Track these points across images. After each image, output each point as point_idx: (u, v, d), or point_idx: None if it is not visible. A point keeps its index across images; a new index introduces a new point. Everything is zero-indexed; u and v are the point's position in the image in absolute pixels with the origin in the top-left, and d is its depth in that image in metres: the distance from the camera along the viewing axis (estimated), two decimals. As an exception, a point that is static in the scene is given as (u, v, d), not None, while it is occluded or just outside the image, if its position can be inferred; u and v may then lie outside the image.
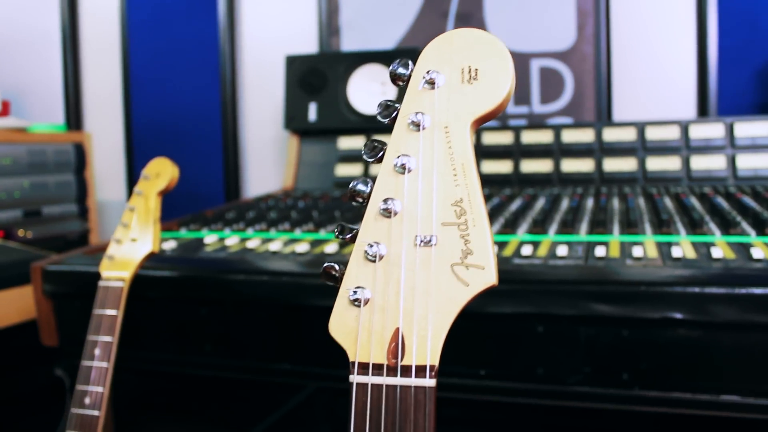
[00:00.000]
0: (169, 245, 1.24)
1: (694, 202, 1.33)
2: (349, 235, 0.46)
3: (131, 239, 1.00)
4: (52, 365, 1.77)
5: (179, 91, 2.31)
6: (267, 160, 2.26)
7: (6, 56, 2.46)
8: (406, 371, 0.43)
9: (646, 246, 1.03)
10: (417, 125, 0.46)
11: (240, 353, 1.07)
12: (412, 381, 0.42)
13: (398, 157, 0.46)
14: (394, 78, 0.47)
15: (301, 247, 1.13)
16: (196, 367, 1.11)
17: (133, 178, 2.37)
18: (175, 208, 1.93)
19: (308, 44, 2.17)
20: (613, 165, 1.66)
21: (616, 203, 1.37)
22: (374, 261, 0.45)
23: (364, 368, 0.44)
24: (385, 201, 0.45)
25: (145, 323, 1.13)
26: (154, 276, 1.09)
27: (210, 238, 1.26)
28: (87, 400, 0.94)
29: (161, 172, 1.03)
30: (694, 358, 0.87)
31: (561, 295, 0.89)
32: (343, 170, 1.82)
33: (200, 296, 1.07)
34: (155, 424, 1.95)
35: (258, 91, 2.26)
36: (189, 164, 2.18)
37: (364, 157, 0.47)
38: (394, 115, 0.47)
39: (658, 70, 1.90)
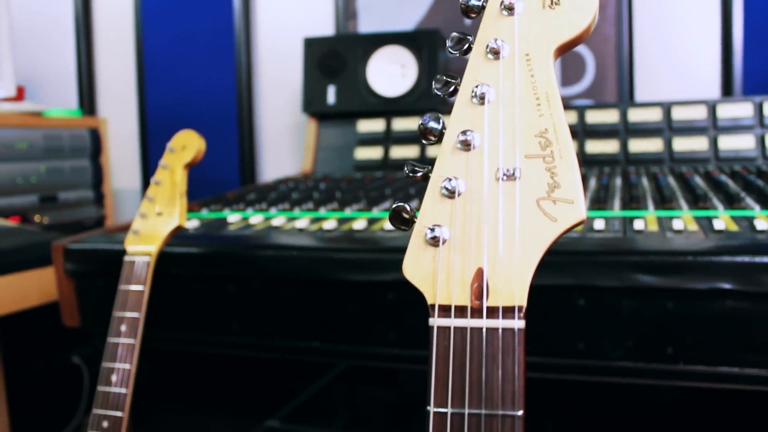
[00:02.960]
0: (192, 224, 1.22)
1: (727, 179, 1.29)
2: (420, 174, 0.43)
3: (157, 213, 0.98)
4: (68, 351, 1.75)
5: (194, 77, 2.29)
6: (283, 146, 2.24)
7: (20, 43, 2.44)
8: (491, 313, 0.40)
9: (685, 220, 1.00)
10: (496, 53, 0.43)
11: (268, 331, 1.04)
12: (500, 323, 0.39)
13: (477, 86, 0.43)
14: (467, 10, 0.44)
15: (329, 224, 1.11)
16: (222, 347, 1.08)
17: (147, 165, 2.35)
18: (190, 194, 1.91)
19: (325, 29, 2.14)
20: (638, 146, 1.63)
21: (645, 182, 1.34)
22: (452, 197, 0.42)
23: (445, 311, 0.41)
24: (464, 133, 0.42)
25: (170, 302, 1.10)
26: (179, 253, 1.06)
27: (233, 218, 1.24)
28: (114, 378, 0.92)
29: (187, 144, 1.00)
30: (742, 331, 0.83)
31: (603, 266, 0.86)
32: (363, 153, 1.80)
33: (227, 273, 1.04)
34: (169, 414, 1.94)
35: (273, 77, 2.24)
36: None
37: (436, 92, 0.44)
38: (466, 47, 0.44)
39: (681, 50, 1.87)
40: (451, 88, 0.44)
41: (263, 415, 1.73)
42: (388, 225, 1.08)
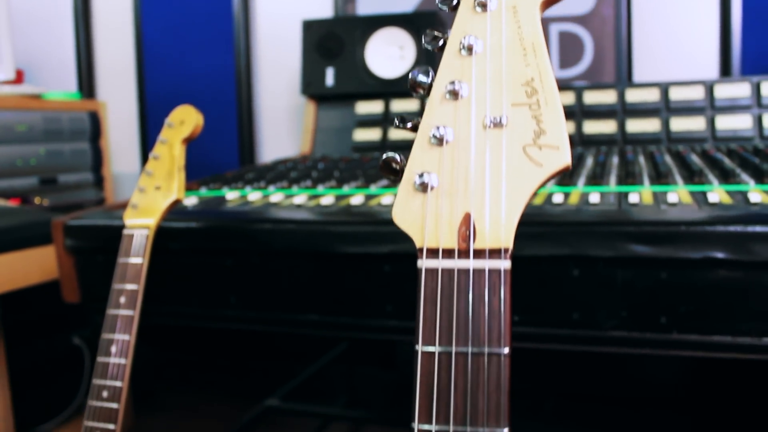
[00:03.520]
0: (191, 201, 1.22)
1: (723, 156, 1.30)
2: (410, 124, 0.44)
3: (155, 187, 0.99)
4: (69, 332, 1.76)
5: (193, 60, 2.29)
6: (281, 129, 2.24)
7: (19, 26, 2.44)
8: (478, 255, 0.41)
9: (680, 194, 1.00)
10: (484, 6, 0.43)
11: (266, 305, 1.05)
12: (486, 263, 0.40)
13: (465, 38, 0.43)
14: (455, -36, 0.44)
15: (326, 200, 1.11)
16: (221, 321, 1.09)
17: (147, 149, 2.36)
18: (189, 176, 1.91)
19: (323, 11, 2.14)
20: (636, 126, 1.63)
21: (642, 160, 1.35)
22: (440, 145, 0.43)
23: (433, 254, 0.42)
24: (452, 83, 0.43)
25: (168, 276, 1.11)
26: (177, 228, 1.07)
27: (231, 195, 1.24)
28: (113, 349, 0.93)
29: (185, 119, 1.01)
30: (735, 300, 0.84)
31: (598, 237, 0.86)
32: (362, 135, 1.80)
33: (225, 247, 1.05)
34: (169, 394, 1.95)
35: (272, 59, 2.24)
36: (203, 134, 2.14)
37: (425, 46, 0.45)
38: (456, 1, 0.44)
39: (680, 31, 1.87)
40: (440, 42, 0.44)
41: (263, 394, 1.75)
42: (385, 200, 1.09)
